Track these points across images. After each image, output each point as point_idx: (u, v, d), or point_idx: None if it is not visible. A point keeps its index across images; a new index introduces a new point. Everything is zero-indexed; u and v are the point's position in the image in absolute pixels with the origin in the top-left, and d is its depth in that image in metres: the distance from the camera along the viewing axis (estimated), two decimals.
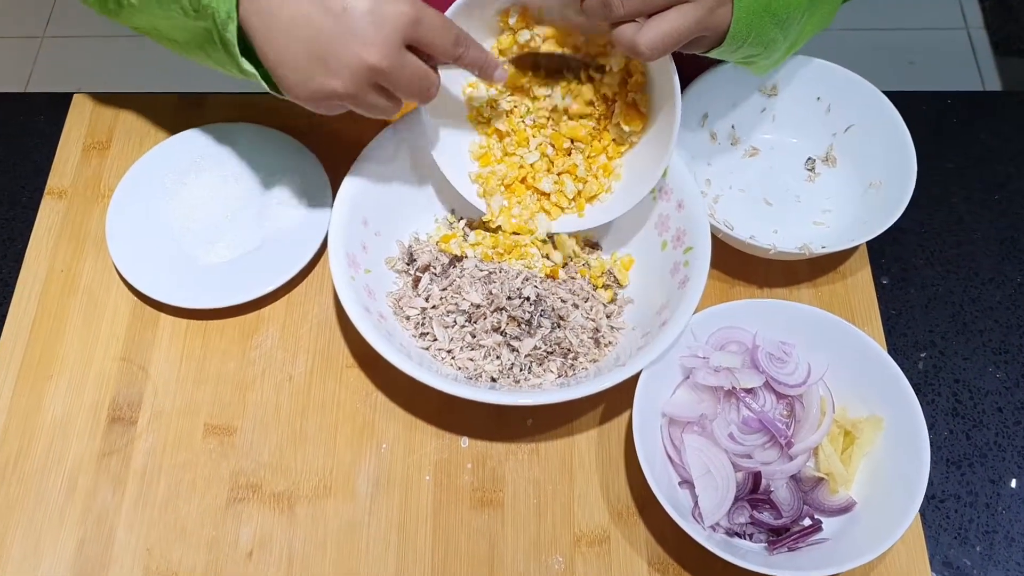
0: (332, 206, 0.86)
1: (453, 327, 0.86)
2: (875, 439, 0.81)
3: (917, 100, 1.01)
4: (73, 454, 0.85)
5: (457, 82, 0.88)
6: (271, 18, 0.72)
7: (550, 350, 0.84)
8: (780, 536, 0.78)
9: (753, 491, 0.79)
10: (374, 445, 0.85)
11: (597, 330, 0.86)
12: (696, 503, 0.79)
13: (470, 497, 0.83)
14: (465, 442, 0.85)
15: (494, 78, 0.81)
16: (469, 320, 0.86)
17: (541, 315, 0.86)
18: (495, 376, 0.83)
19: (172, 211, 0.94)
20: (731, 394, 0.83)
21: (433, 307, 0.87)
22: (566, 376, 0.84)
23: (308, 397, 0.87)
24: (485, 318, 0.85)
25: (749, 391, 0.83)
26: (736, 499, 0.79)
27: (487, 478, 0.83)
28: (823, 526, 0.79)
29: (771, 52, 0.83)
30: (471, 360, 0.84)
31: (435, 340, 0.85)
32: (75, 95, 1.04)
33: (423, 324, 0.86)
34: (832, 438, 0.82)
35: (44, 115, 1.03)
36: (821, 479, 0.80)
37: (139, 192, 0.95)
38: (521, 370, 0.84)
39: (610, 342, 0.86)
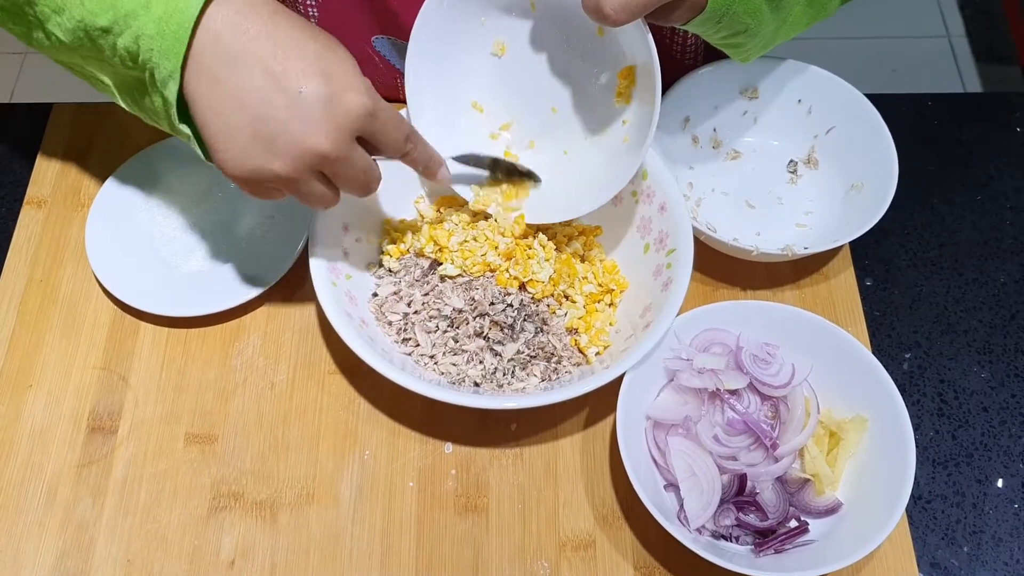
0: (313, 212, 0.86)
1: (435, 332, 0.85)
2: (860, 440, 0.81)
3: (898, 102, 1.02)
4: (52, 464, 0.84)
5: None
6: (219, 87, 0.67)
7: (533, 354, 0.84)
8: (766, 538, 0.77)
9: (739, 493, 0.79)
10: (357, 452, 0.84)
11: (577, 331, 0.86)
12: (681, 506, 0.78)
13: (454, 503, 0.82)
14: (449, 448, 0.84)
15: (438, 176, 0.81)
16: (451, 325, 0.85)
17: (525, 320, 0.85)
18: (478, 381, 0.83)
19: (152, 219, 0.94)
20: (715, 396, 0.82)
21: (415, 312, 0.86)
22: (550, 380, 0.83)
23: (290, 404, 0.86)
24: (468, 323, 0.85)
25: (733, 393, 0.82)
26: (722, 501, 0.79)
27: (471, 484, 0.83)
28: (809, 528, 0.78)
29: (758, 29, 0.79)
30: (454, 365, 0.84)
31: (417, 345, 0.85)
32: (55, 104, 1.03)
33: (405, 329, 0.86)
34: (817, 439, 0.82)
35: (24, 125, 1.03)
36: (807, 480, 0.80)
37: (119, 201, 0.94)
38: (504, 374, 0.83)
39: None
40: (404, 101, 0.86)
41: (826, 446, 0.82)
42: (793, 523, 0.79)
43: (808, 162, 0.97)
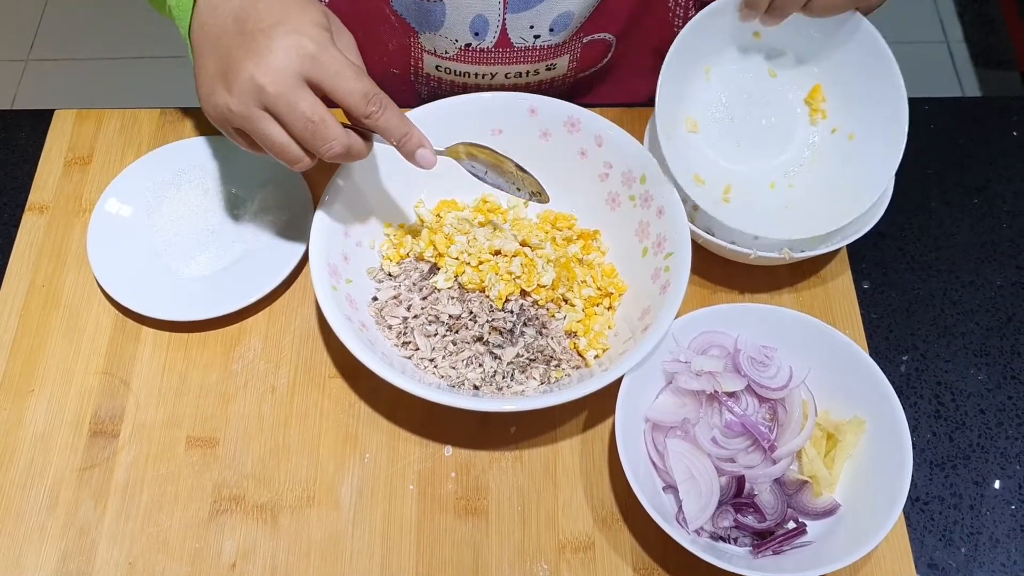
0: (313, 217, 0.86)
1: (435, 336, 0.86)
2: (858, 442, 0.81)
3: None
4: (55, 468, 0.84)
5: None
6: (204, 32, 0.76)
7: (532, 357, 0.85)
8: (765, 539, 0.78)
9: (737, 495, 0.79)
10: (357, 455, 0.84)
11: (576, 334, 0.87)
12: (680, 508, 0.79)
13: (454, 506, 0.82)
14: (449, 451, 0.85)
15: (416, 158, 0.79)
16: (450, 330, 0.86)
17: (524, 324, 0.86)
18: (478, 384, 0.83)
19: (153, 225, 0.94)
20: (713, 398, 0.83)
21: (415, 316, 0.87)
22: (549, 383, 0.84)
23: (291, 408, 0.87)
24: (467, 328, 0.86)
25: (731, 395, 0.83)
26: (720, 503, 0.79)
27: (471, 486, 0.83)
28: (807, 529, 0.79)
29: None
30: (453, 368, 0.84)
31: (417, 349, 0.85)
32: (56, 111, 1.04)
33: (405, 333, 0.86)
34: (815, 441, 0.82)
35: (25, 131, 1.03)
36: (805, 482, 0.80)
37: (120, 206, 0.95)
38: (504, 377, 0.83)
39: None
40: (416, 62, 0.95)
41: (824, 448, 0.82)
42: (791, 524, 0.79)
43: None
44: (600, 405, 0.86)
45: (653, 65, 1.03)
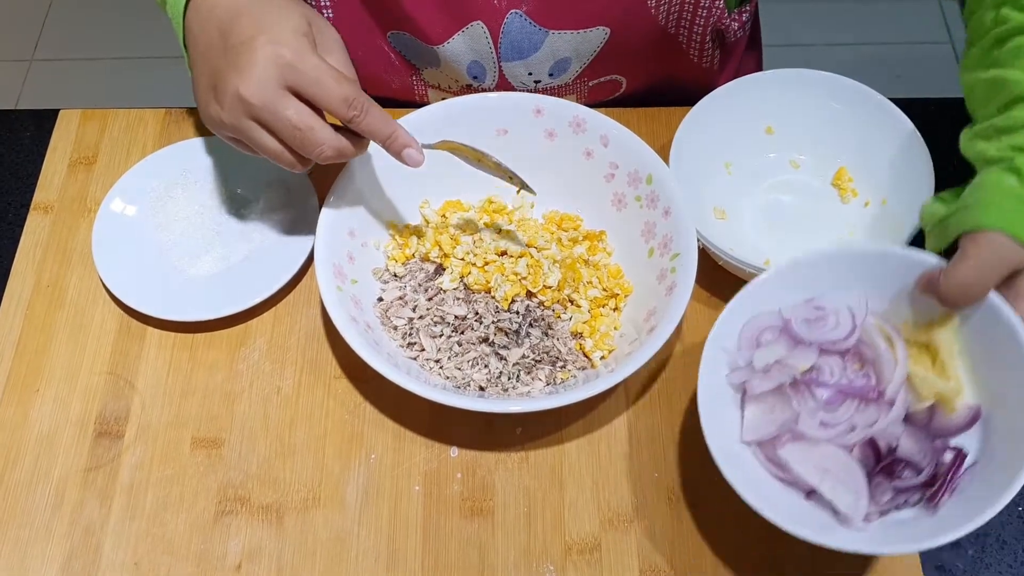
0: (319, 217, 0.86)
1: (440, 337, 0.86)
2: (956, 335, 0.74)
3: (902, 108, 1.01)
4: (59, 468, 0.84)
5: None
6: (196, 44, 0.79)
7: (538, 358, 0.84)
8: (934, 488, 0.71)
9: (878, 460, 0.72)
10: (363, 456, 0.84)
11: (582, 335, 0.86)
12: (834, 508, 0.72)
13: (460, 506, 0.82)
14: (454, 452, 0.85)
15: (403, 157, 0.79)
16: (456, 330, 0.86)
17: (530, 325, 0.86)
18: (483, 385, 0.83)
19: (158, 224, 0.94)
20: (796, 384, 0.75)
21: (420, 317, 0.87)
22: (554, 384, 0.84)
23: (296, 409, 0.87)
24: (473, 329, 0.85)
25: (810, 371, 0.76)
26: (869, 478, 0.71)
27: (477, 487, 0.83)
28: (964, 449, 0.72)
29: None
30: (459, 369, 0.84)
31: (423, 350, 0.85)
32: (61, 111, 1.04)
33: (410, 334, 0.86)
34: (916, 359, 0.75)
35: (30, 131, 1.03)
36: (932, 405, 0.74)
37: (125, 206, 0.95)
38: (509, 378, 0.83)
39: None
40: (421, 99, 0.95)
41: (928, 362, 0.76)
42: (948, 456, 0.72)
43: None
44: (606, 406, 0.86)
45: (674, 90, 1.03)
